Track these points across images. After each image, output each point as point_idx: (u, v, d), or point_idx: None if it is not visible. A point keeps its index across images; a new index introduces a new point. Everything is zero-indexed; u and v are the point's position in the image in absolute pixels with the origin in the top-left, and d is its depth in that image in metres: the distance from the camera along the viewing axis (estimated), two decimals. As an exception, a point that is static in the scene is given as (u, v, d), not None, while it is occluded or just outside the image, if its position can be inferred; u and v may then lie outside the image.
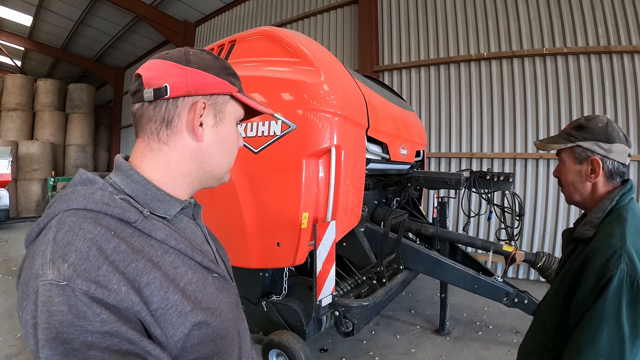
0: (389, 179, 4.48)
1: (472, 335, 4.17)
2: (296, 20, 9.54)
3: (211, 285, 0.83)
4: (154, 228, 0.76)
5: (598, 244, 1.23)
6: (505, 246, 3.47)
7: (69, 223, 0.66)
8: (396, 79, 7.78)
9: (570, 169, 1.41)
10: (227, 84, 0.87)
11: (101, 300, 0.60)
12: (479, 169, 6.36)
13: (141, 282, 0.67)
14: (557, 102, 6.02)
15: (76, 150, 14.80)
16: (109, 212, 0.71)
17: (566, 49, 5.87)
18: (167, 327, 0.69)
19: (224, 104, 0.88)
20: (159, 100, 0.81)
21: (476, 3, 6.80)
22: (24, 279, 0.65)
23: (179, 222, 0.88)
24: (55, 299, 0.58)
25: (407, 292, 5.45)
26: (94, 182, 0.77)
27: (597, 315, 1.09)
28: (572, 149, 1.39)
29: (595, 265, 1.17)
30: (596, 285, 1.13)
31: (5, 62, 18.40)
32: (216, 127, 0.87)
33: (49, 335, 0.56)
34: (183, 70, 0.82)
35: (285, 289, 3.31)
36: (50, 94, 14.34)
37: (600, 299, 1.10)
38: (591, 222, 1.31)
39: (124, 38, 14.68)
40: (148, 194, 0.80)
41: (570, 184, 1.42)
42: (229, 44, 3.76)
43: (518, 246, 5.71)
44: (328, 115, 2.91)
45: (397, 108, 4.38)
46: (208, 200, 3.46)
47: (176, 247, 0.78)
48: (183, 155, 0.84)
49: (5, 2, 11.93)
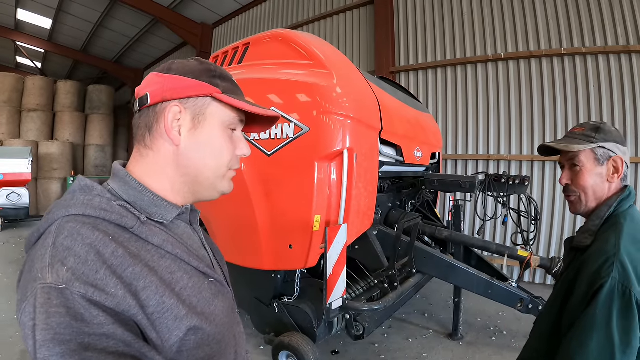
0: (403, 182, 4.45)
1: (485, 341, 4.12)
2: (312, 22, 9.56)
3: (207, 290, 0.85)
4: (151, 234, 0.78)
5: (593, 251, 1.22)
6: (520, 251, 3.41)
7: (68, 229, 0.68)
8: (413, 80, 7.72)
9: (591, 171, 1.36)
10: (206, 86, 0.85)
11: (99, 303, 0.62)
12: (495, 172, 6.29)
13: (138, 286, 0.69)
14: (575, 103, 5.90)
15: (95, 150, 15.06)
16: (107, 217, 0.73)
17: (584, 49, 5.74)
18: (162, 331, 0.71)
19: (204, 106, 0.86)
20: (143, 108, 0.85)
21: (493, 2, 6.70)
22: (24, 282, 0.67)
23: (176, 227, 0.90)
24: (53, 301, 0.59)
25: (421, 295, 5.41)
26: (93, 188, 0.79)
27: (587, 322, 1.08)
28: (593, 150, 1.36)
29: (588, 271, 1.15)
30: (587, 291, 1.11)
31: (26, 63, 18.85)
32: (195, 130, 0.85)
33: (46, 336, 0.57)
34: (162, 78, 0.85)
35: (297, 290, 3.31)
36: (70, 95, 14.62)
37: (590, 306, 1.08)
38: (589, 230, 1.31)
39: (142, 40, 14.90)
40: (145, 200, 0.82)
41: (590, 188, 1.37)
42: (243, 46, 3.78)
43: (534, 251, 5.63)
44: (340, 118, 2.90)
45: (412, 110, 4.35)
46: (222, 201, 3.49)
47: (172, 252, 0.80)
48: (166, 160, 0.86)
49: (25, 5, 12.23)
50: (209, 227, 3.74)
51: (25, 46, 15.73)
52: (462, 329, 4.25)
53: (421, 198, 4.56)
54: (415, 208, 4.66)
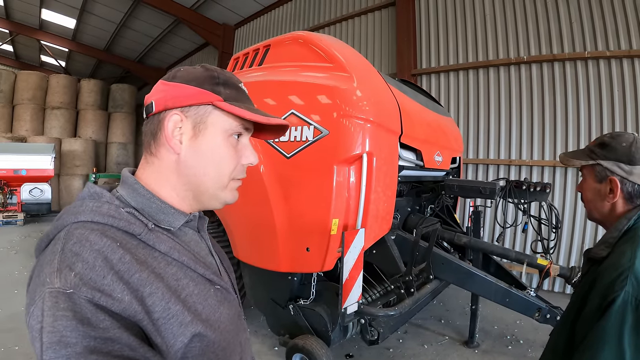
0: (423, 186, 4.41)
1: (501, 349, 4.05)
2: (334, 23, 9.56)
3: (212, 297, 0.85)
4: (158, 241, 0.79)
5: (608, 263, 1.19)
6: (540, 259, 3.35)
7: (77, 235, 0.70)
8: (434, 83, 7.65)
9: (590, 187, 1.38)
10: (207, 94, 0.84)
11: (105, 307, 0.63)
12: (517, 177, 6.19)
13: (144, 292, 0.70)
14: (599, 108, 5.75)
15: (117, 147, 15.39)
16: (115, 224, 0.75)
17: (609, 52, 5.59)
18: (168, 337, 0.71)
19: (205, 114, 0.85)
20: (149, 116, 0.87)
21: (516, 4, 6.58)
22: (32, 286, 0.68)
23: (184, 234, 0.91)
24: (61, 305, 0.60)
25: (438, 301, 5.35)
26: (102, 195, 0.81)
27: (599, 336, 1.05)
28: (592, 166, 1.36)
29: (602, 284, 1.13)
30: (600, 304, 1.09)
31: (50, 62, 19.33)
32: (195, 138, 0.85)
33: (53, 338, 0.58)
34: (166, 86, 0.85)
35: (313, 293, 3.31)
36: (93, 94, 14.97)
37: (602, 319, 1.06)
38: (606, 241, 1.28)
39: (165, 40, 15.13)
40: (153, 207, 0.84)
41: (590, 202, 1.40)
42: (264, 48, 3.80)
43: (554, 260, 5.52)
44: (360, 121, 2.89)
45: (433, 114, 4.30)
46: (241, 202, 3.51)
47: (179, 259, 0.81)
48: (169, 168, 0.86)
49: (50, 5, 12.55)
50: (227, 228, 3.77)
51: (49, 45, 16.13)
52: (478, 337, 4.19)
53: (441, 203, 4.51)
54: (434, 213, 4.61)
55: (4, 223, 9.83)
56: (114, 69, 19.27)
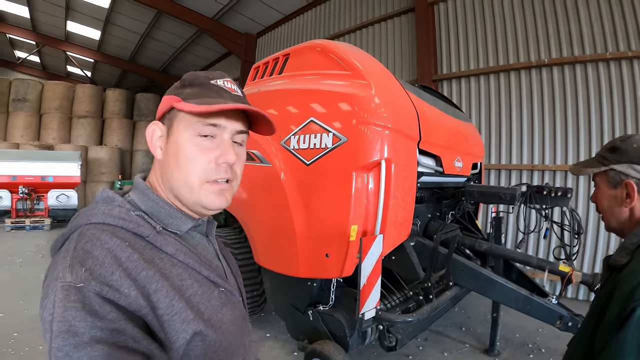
0: (443, 192, 4.39)
1: (522, 358, 3.99)
2: (354, 31, 9.61)
3: (216, 298, 0.89)
4: (165, 243, 0.84)
5: (628, 271, 1.15)
6: (562, 266, 3.29)
7: (89, 235, 0.75)
8: (455, 88, 7.61)
9: (605, 194, 1.34)
10: (169, 98, 0.90)
11: (112, 301, 0.68)
12: (540, 183, 6.07)
13: (150, 288, 0.74)
14: (622, 110, 5.61)
15: (143, 155, 15.74)
16: (125, 226, 0.80)
17: (631, 53, 5.45)
18: (170, 333, 0.76)
19: (172, 118, 0.90)
20: None
21: (535, 7, 6.49)
22: (47, 282, 0.74)
23: (191, 238, 0.96)
24: (71, 297, 0.66)
25: (459, 308, 5.30)
26: (114, 199, 0.87)
27: (617, 348, 1.01)
28: (605, 172, 1.32)
29: (621, 293, 1.09)
30: (620, 314, 1.04)
31: (76, 72, 19.89)
32: (167, 143, 0.91)
33: (62, 327, 0.63)
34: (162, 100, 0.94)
35: (332, 299, 3.33)
36: (119, 103, 15.35)
37: (621, 330, 1.01)
38: (626, 248, 1.23)
39: (188, 50, 15.41)
40: (162, 212, 0.90)
41: (607, 210, 1.35)
42: (283, 57, 3.87)
43: (577, 266, 5.40)
44: (379, 128, 2.91)
45: (452, 119, 4.29)
46: (261, 207, 3.58)
47: (184, 261, 0.85)
48: (158, 173, 0.94)
49: (75, 18, 12.99)
50: (248, 234, 3.83)
51: (75, 56, 16.65)
52: (499, 345, 4.13)
53: (461, 209, 4.47)
54: (455, 219, 4.58)
55: (32, 228, 10.10)
56: (138, 78, 19.73)
